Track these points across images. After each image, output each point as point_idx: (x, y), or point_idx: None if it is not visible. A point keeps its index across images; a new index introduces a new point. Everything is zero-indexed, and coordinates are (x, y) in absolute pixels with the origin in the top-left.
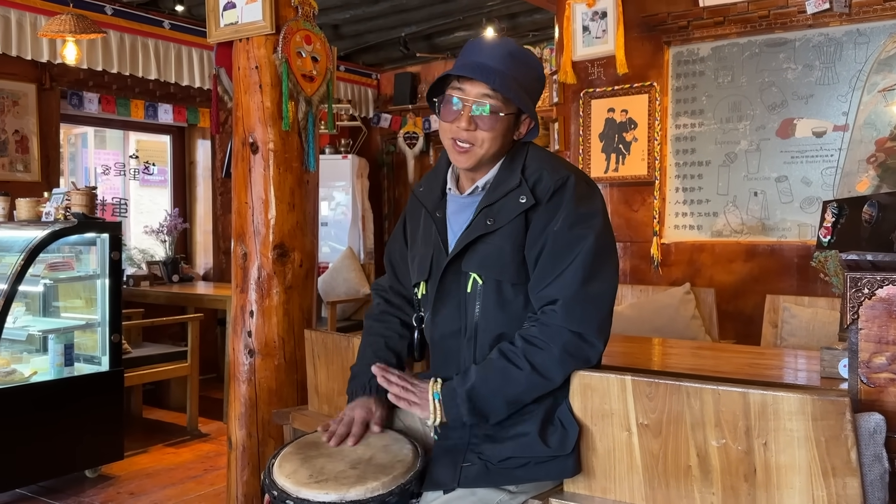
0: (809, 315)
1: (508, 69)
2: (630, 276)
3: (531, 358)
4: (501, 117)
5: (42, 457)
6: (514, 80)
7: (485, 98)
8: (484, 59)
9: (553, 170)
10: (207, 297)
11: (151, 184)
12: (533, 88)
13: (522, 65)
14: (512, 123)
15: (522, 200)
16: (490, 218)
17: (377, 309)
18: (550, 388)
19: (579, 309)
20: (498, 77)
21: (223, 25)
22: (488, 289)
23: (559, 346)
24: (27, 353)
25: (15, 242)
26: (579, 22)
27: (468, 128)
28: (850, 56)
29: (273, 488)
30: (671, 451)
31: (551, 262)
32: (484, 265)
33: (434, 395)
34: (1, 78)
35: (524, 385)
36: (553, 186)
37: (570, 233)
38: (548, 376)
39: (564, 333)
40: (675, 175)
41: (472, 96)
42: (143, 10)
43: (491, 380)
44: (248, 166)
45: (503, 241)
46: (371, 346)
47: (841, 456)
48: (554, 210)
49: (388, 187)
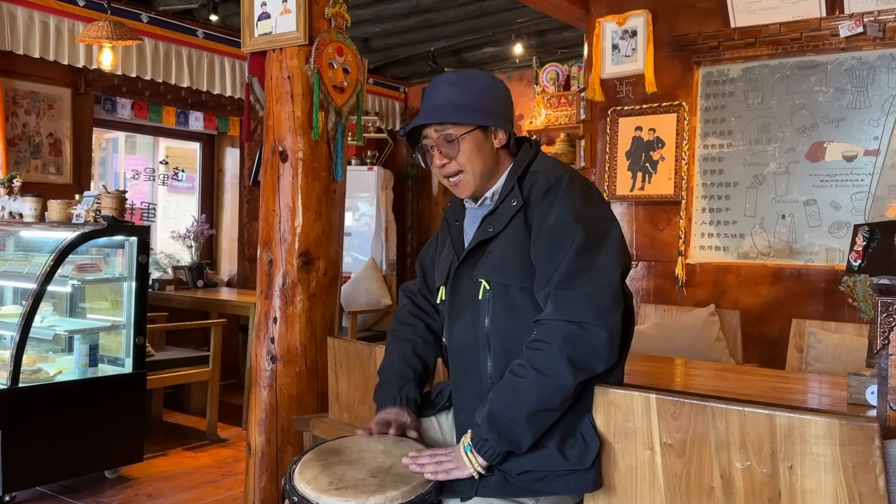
0: (836, 341)
1: (447, 98)
2: (654, 296)
3: (534, 363)
4: (461, 138)
5: (63, 456)
6: (453, 105)
7: (440, 132)
8: (429, 102)
9: (547, 171)
10: (231, 304)
11: (179, 190)
12: (484, 98)
13: (460, 86)
14: (481, 139)
15: (514, 203)
16: (491, 225)
17: (405, 311)
18: (563, 385)
19: (571, 297)
20: (438, 111)
21: (257, 35)
22: (497, 294)
23: (557, 339)
24: (53, 353)
25: (45, 243)
26: (609, 40)
27: (443, 162)
28: (884, 80)
29: (293, 494)
30: (694, 472)
31: (548, 260)
32: (490, 271)
33: (465, 448)
34: (37, 82)
35: (535, 392)
36: (546, 185)
37: (563, 228)
38: (553, 374)
39: (561, 326)
40: (702, 195)
41: (433, 137)
42: (178, 18)
43: (503, 399)
44: (277, 174)
45: (505, 245)
46: (399, 351)
47: (868, 482)
48: (548, 207)
49: (412, 200)
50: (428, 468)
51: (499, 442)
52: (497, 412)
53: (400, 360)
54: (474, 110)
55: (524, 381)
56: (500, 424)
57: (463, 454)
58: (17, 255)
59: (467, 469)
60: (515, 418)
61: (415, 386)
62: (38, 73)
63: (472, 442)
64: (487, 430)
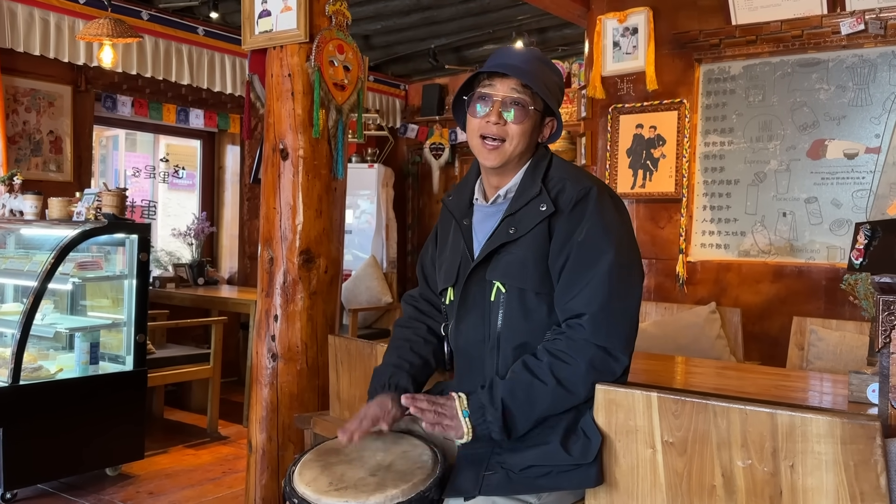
0: (837, 338)
1: (536, 70)
2: (655, 294)
3: (557, 373)
4: (531, 112)
5: (64, 453)
6: (541, 80)
7: (514, 93)
8: (512, 61)
9: (576, 180)
10: (231, 301)
11: (179, 187)
12: (556, 93)
13: (548, 69)
14: (538, 122)
15: (543, 208)
16: (512, 227)
17: (406, 316)
18: (576, 402)
19: (606, 323)
20: (527, 74)
21: (258, 33)
22: (511, 297)
23: (586, 360)
24: (54, 351)
25: (46, 240)
26: (610, 37)
27: (498, 122)
28: (885, 78)
29: (294, 496)
30: (696, 470)
31: (576, 274)
32: (507, 274)
33: (463, 413)
34: (38, 79)
35: (549, 400)
36: (576, 197)
37: (594, 244)
38: (573, 390)
39: (591, 348)
40: (703, 193)
41: (503, 91)
42: (179, 16)
43: (518, 396)
44: (278, 172)
45: (526, 249)
46: (397, 349)
47: (870, 481)
48: (577, 220)
49: (413, 197)
50: (428, 416)
51: (500, 431)
52: (507, 402)
53: (396, 356)
54: (552, 95)
55: (544, 388)
56: (508, 417)
57: (461, 416)
58: (18, 253)
59: (463, 433)
60: (522, 416)
61: (407, 375)
62: (39, 70)
63: (472, 417)
64: (491, 412)
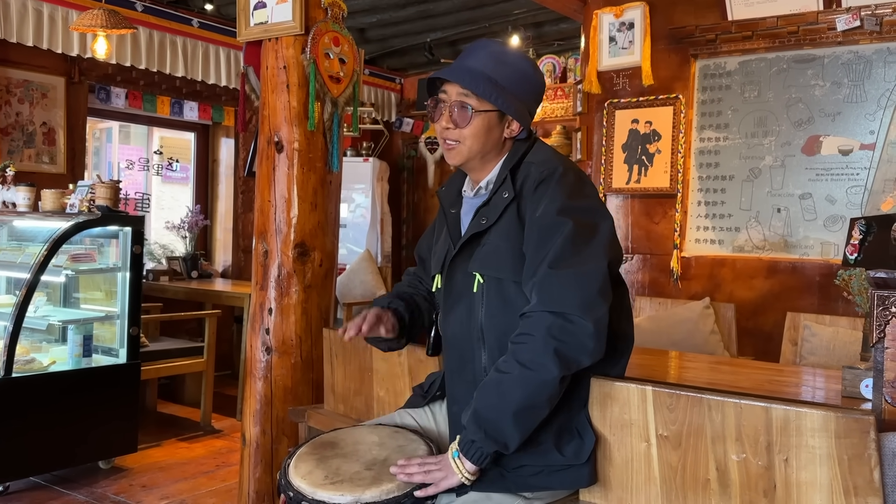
0: (830, 334)
1: (485, 68)
2: (649, 289)
3: (519, 357)
4: (478, 114)
5: (57, 446)
6: (488, 79)
7: (461, 97)
8: (465, 61)
9: (542, 163)
10: (225, 294)
11: (173, 180)
12: (518, 87)
13: (501, 63)
14: (494, 122)
15: (505, 195)
16: (484, 217)
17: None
18: (549, 379)
19: (554, 288)
20: (469, 76)
21: (253, 25)
22: (491, 288)
23: (542, 331)
24: (46, 343)
25: (39, 233)
26: (606, 32)
27: (448, 126)
28: (880, 74)
29: (289, 489)
30: (690, 464)
31: (535, 252)
32: (484, 264)
33: (453, 454)
34: (31, 70)
35: (519, 388)
36: (539, 178)
37: (552, 221)
38: (538, 368)
39: (545, 317)
40: (698, 188)
41: (452, 96)
42: (173, 7)
43: (488, 397)
44: (273, 165)
45: (499, 239)
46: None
47: (864, 475)
48: (538, 200)
49: (408, 191)
50: (416, 478)
51: (486, 442)
52: (482, 411)
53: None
54: (502, 92)
55: (509, 377)
56: (487, 424)
57: (451, 461)
58: (11, 245)
59: (456, 476)
60: (501, 416)
61: (404, 305)
62: (32, 61)
63: (460, 446)
64: (474, 430)
